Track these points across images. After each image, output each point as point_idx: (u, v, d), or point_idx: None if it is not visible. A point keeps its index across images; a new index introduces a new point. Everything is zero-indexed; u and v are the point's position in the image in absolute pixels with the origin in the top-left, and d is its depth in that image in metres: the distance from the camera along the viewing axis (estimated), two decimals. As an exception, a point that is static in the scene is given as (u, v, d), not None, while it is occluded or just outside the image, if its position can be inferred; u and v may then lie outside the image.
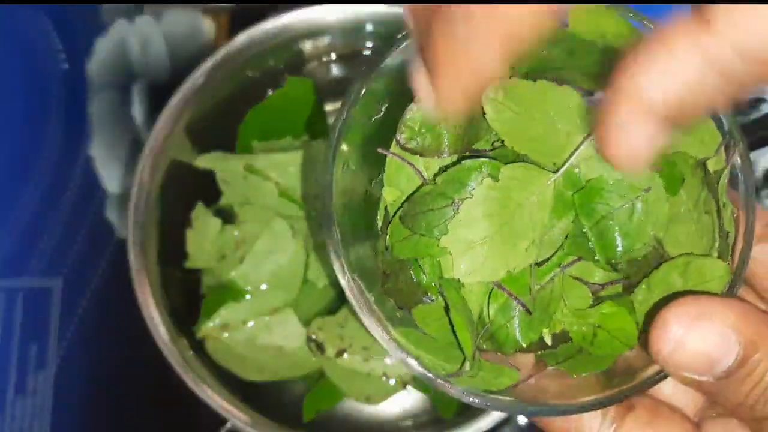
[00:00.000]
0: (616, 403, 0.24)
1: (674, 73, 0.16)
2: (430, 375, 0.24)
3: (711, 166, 0.25)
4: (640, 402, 0.24)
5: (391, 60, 0.25)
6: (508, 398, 0.24)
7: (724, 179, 0.24)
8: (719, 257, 0.24)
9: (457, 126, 0.25)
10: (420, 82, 0.20)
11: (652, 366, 0.23)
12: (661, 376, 0.23)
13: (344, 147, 0.25)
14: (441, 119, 0.24)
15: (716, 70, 0.16)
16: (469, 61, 0.18)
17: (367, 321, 0.24)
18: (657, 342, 0.21)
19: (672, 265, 0.24)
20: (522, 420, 0.42)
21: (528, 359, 0.26)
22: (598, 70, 0.24)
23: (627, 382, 0.24)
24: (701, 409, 0.25)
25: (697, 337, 0.21)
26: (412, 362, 0.24)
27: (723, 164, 0.25)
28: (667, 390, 0.25)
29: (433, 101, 0.20)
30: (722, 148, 0.25)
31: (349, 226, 0.25)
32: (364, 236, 0.26)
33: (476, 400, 0.24)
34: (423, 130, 0.24)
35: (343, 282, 0.24)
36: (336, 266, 0.24)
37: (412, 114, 0.24)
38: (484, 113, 0.24)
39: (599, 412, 0.24)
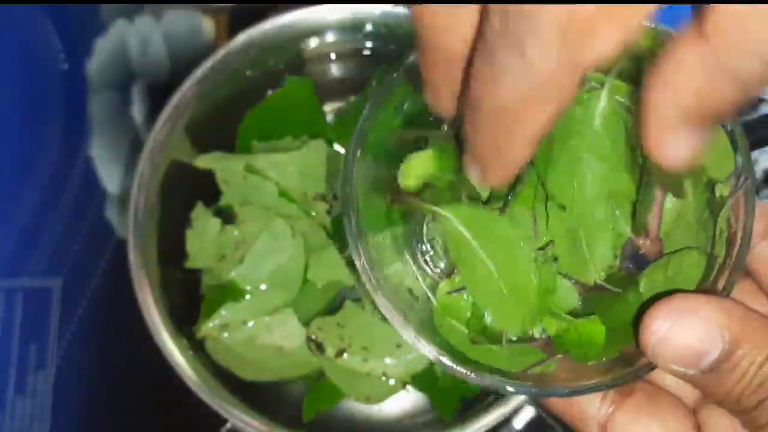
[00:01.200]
0: (616, 386, 0.25)
1: (686, 84, 0.17)
2: (445, 358, 0.25)
3: (718, 190, 0.25)
4: (640, 387, 0.25)
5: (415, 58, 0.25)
6: (516, 380, 0.25)
7: (727, 211, 0.25)
8: (702, 279, 0.25)
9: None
10: (468, 165, 0.22)
11: (640, 360, 0.24)
12: (654, 365, 0.24)
13: (366, 145, 0.26)
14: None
15: (725, 74, 0.17)
16: (506, 154, 0.20)
17: (381, 302, 0.25)
18: (645, 336, 0.22)
19: (659, 264, 0.25)
20: (518, 425, 0.42)
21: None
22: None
23: (626, 368, 0.24)
24: (699, 398, 0.26)
25: (682, 332, 0.22)
26: (427, 347, 0.25)
27: (730, 191, 0.25)
28: (667, 380, 0.26)
29: (481, 181, 0.22)
30: (732, 178, 0.25)
31: (370, 216, 0.26)
32: (384, 226, 0.27)
33: (489, 382, 0.25)
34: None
35: (358, 265, 0.25)
36: (353, 253, 0.25)
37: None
38: None
39: (599, 395, 0.25)
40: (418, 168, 0.26)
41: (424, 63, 0.21)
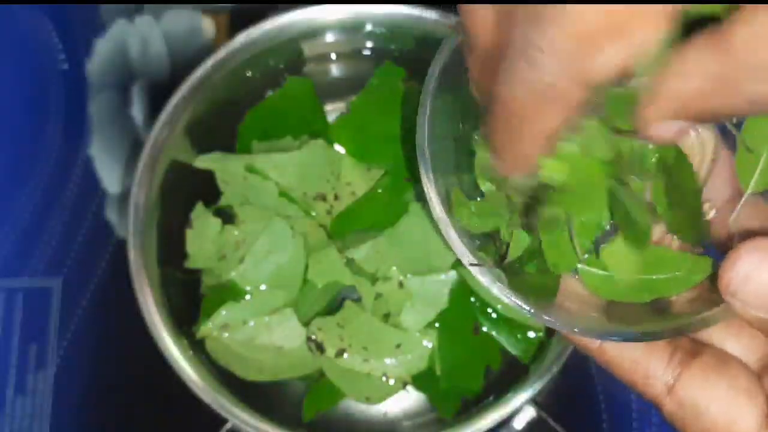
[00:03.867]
0: (687, 333, 0.24)
1: (692, 82, 0.18)
2: (516, 299, 0.25)
3: None
4: (708, 349, 0.25)
5: None
6: (583, 321, 0.25)
7: None
8: None
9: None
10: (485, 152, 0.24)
11: (715, 308, 0.24)
12: (723, 314, 0.24)
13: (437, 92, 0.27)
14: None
15: (732, 86, 0.18)
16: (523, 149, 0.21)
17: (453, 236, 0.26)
18: (726, 276, 0.21)
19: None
20: (518, 425, 0.42)
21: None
22: None
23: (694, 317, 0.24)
24: (763, 365, 0.26)
25: (764, 274, 0.21)
26: (498, 287, 0.25)
27: None
28: (731, 346, 0.26)
29: (498, 170, 0.23)
30: None
31: (439, 163, 0.27)
32: (452, 172, 0.28)
33: (549, 319, 0.25)
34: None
35: (435, 208, 0.26)
36: (430, 194, 0.26)
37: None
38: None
39: (666, 355, 0.25)
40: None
41: (467, 59, 0.23)
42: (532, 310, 0.25)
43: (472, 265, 0.26)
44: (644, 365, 0.25)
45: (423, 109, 0.26)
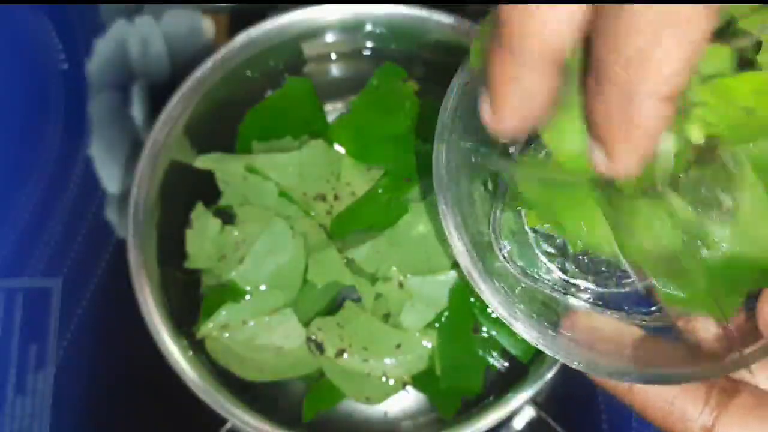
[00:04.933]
0: (730, 372, 0.23)
1: None
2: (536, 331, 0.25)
3: None
4: (746, 388, 0.24)
5: None
6: (612, 361, 0.24)
7: None
8: None
9: None
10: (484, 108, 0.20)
11: (751, 346, 0.23)
12: (760, 352, 0.23)
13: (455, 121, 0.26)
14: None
15: None
16: (522, 94, 0.18)
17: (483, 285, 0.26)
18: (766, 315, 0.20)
19: None
20: (518, 425, 0.42)
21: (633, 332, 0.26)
22: None
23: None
24: None
25: None
26: (518, 325, 0.25)
27: None
28: (763, 380, 0.24)
29: (493, 127, 0.20)
30: None
31: (456, 193, 0.26)
32: (468, 203, 0.27)
33: (577, 362, 0.24)
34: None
35: (458, 246, 0.26)
36: (451, 232, 0.26)
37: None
38: None
39: (701, 397, 0.23)
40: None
41: (501, 71, 0.18)
42: (566, 357, 0.24)
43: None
44: (679, 407, 0.23)
45: (439, 146, 0.25)
